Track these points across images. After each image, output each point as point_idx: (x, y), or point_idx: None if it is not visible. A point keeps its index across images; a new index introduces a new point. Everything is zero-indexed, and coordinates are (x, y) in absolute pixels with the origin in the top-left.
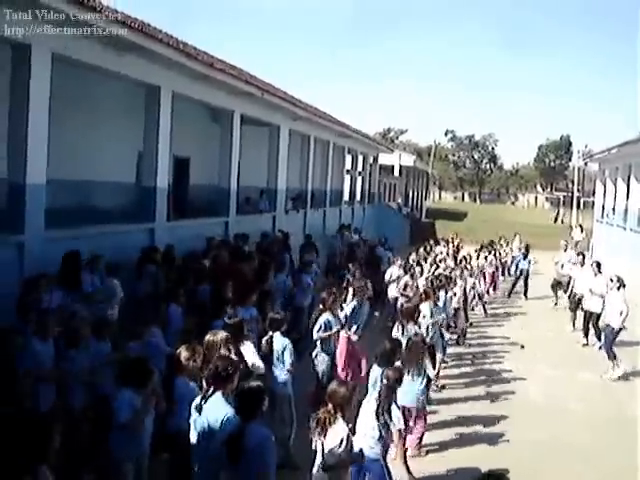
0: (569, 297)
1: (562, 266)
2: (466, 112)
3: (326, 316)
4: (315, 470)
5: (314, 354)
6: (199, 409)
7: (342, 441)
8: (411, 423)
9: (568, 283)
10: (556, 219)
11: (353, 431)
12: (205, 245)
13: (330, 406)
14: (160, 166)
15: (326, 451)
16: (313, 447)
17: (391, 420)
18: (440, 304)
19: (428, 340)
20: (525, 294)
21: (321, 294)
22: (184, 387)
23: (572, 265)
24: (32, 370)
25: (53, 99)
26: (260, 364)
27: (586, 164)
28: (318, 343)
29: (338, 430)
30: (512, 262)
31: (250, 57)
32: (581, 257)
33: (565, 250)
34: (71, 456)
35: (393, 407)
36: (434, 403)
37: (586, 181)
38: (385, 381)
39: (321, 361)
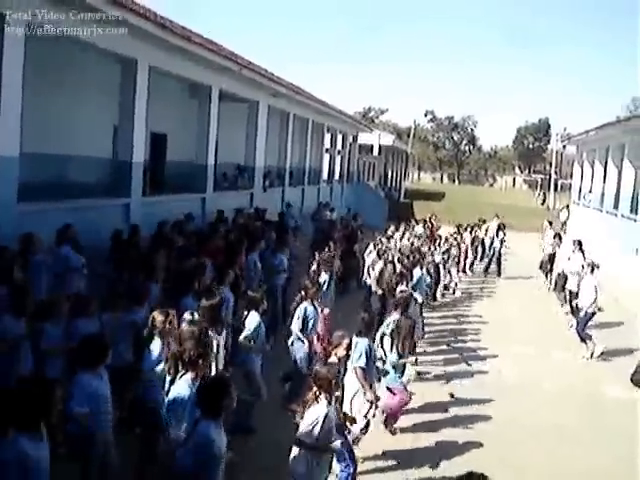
0: (556, 277)
1: (544, 247)
2: (446, 93)
3: (305, 305)
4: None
5: (290, 341)
6: (167, 391)
7: (317, 421)
8: (392, 401)
9: (550, 263)
10: (544, 201)
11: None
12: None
13: (315, 388)
14: (136, 141)
15: (302, 429)
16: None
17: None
18: (414, 281)
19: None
20: (498, 274)
21: (304, 281)
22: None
23: (554, 246)
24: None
25: (26, 72)
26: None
27: (564, 147)
28: (296, 331)
29: (317, 410)
30: (491, 243)
31: (229, 35)
32: (558, 239)
33: (547, 231)
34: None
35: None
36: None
37: (564, 164)
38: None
39: (298, 348)
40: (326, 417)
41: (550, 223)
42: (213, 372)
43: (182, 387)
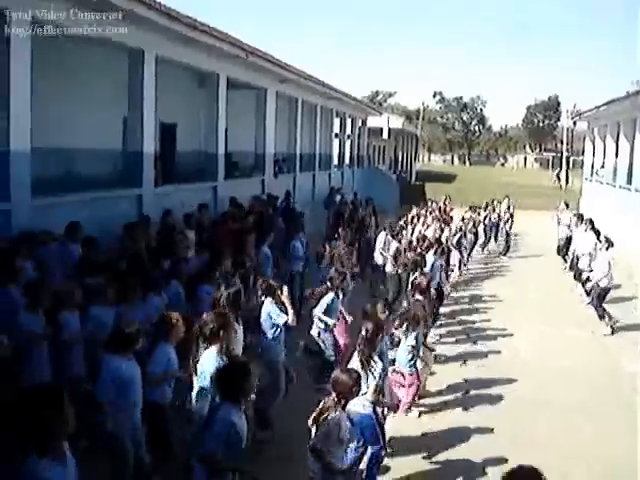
0: (571, 257)
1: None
2: (454, 74)
3: (331, 296)
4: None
5: (315, 332)
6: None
7: (336, 427)
8: (405, 384)
9: (567, 244)
10: (567, 180)
11: None
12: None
13: (334, 395)
14: (146, 131)
15: (318, 437)
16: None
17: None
18: (427, 268)
19: None
20: (505, 252)
21: (330, 272)
22: (165, 355)
23: (571, 226)
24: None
25: (34, 66)
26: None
27: (575, 123)
28: (318, 321)
29: (334, 419)
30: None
31: (234, 25)
32: (578, 219)
33: (563, 213)
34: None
35: (376, 360)
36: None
37: (575, 141)
38: (363, 333)
39: (326, 338)
40: (342, 425)
41: (567, 205)
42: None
43: (209, 360)
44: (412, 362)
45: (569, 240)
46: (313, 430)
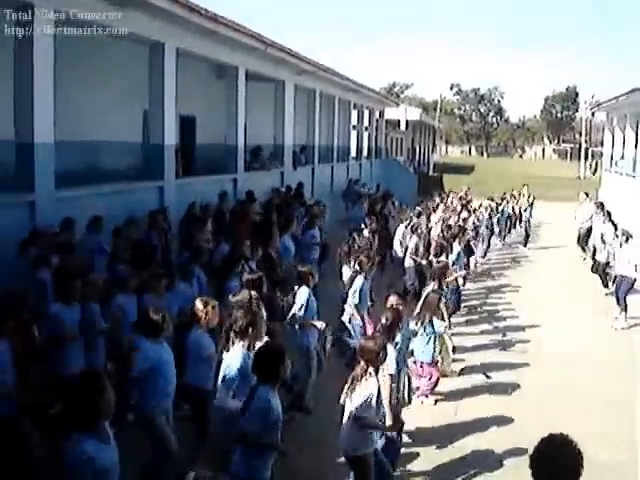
0: (592, 248)
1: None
2: (471, 65)
3: (362, 280)
4: (345, 424)
5: (346, 318)
6: (220, 360)
7: (371, 396)
8: (423, 374)
9: (587, 235)
10: (595, 171)
11: None
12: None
13: (362, 362)
14: (167, 124)
15: (356, 406)
16: (341, 401)
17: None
18: (453, 256)
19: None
20: (525, 243)
21: (360, 257)
22: (197, 340)
23: (591, 217)
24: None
25: (56, 60)
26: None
27: (593, 114)
28: (350, 307)
29: (369, 385)
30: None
31: (250, 15)
32: (598, 208)
33: (584, 204)
34: None
35: (389, 349)
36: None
37: (593, 132)
38: (383, 321)
39: (356, 324)
40: (378, 392)
41: (587, 195)
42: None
43: (235, 356)
44: (430, 353)
45: (589, 231)
46: (347, 402)
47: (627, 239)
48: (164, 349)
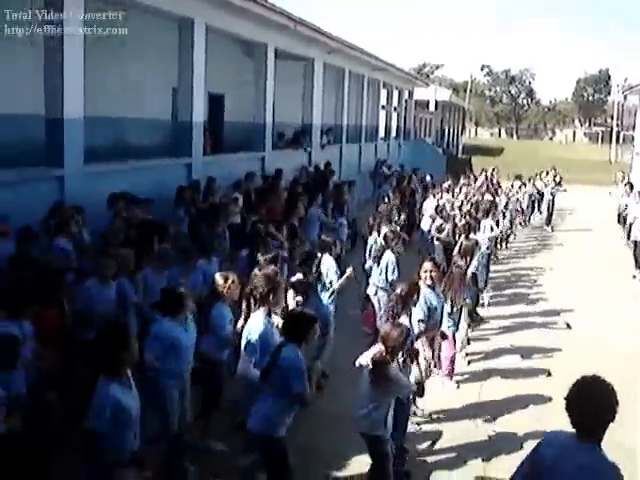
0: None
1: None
2: (502, 47)
3: (390, 254)
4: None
5: (372, 291)
6: (242, 328)
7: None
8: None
9: (624, 217)
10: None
11: None
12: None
13: (382, 348)
14: (195, 101)
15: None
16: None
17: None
18: (481, 232)
19: (472, 270)
20: (548, 223)
21: (385, 231)
22: (220, 314)
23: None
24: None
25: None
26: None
27: (625, 97)
28: (377, 279)
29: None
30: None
31: None
32: (629, 187)
33: (620, 184)
34: None
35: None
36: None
37: (625, 115)
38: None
39: (381, 297)
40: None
41: (623, 174)
42: None
43: (256, 322)
44: (449, 328)
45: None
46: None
47: None
48: (182, 328)
